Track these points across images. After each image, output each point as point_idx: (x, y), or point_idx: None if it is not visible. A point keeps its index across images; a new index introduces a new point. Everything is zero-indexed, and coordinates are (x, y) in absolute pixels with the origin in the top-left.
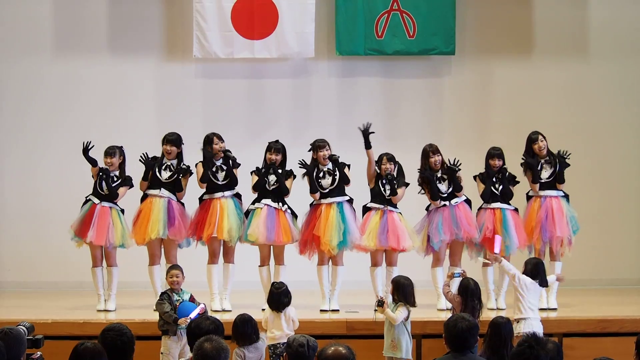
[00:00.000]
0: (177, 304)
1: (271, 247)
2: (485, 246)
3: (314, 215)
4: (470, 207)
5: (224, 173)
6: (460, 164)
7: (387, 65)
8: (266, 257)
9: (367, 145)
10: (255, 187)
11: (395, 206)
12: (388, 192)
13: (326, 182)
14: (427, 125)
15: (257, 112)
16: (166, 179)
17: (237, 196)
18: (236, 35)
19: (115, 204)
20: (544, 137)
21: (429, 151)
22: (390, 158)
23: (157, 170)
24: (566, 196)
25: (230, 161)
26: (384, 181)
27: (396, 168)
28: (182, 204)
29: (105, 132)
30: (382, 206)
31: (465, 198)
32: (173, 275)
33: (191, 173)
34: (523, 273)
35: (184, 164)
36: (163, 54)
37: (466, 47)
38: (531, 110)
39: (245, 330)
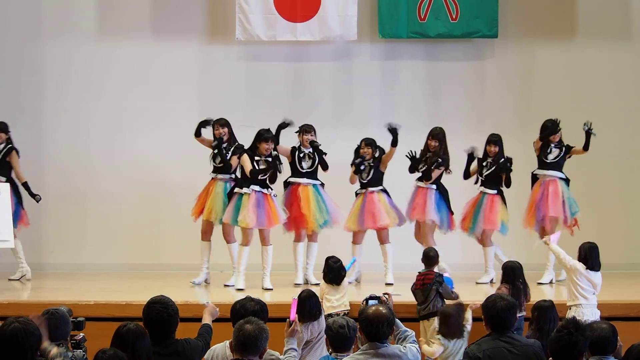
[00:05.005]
0: None
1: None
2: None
3: (294, 195)
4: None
5: (219, 158)
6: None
7: (429, 48)
8: (249, 238)
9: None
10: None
11: (377, 185)
12: (365, 176)
13: (306, 163)
14: (470, 108)
15: (299, 94)
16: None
17: (233, 180)
18: (279, 18)
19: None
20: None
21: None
22: (369, 143)
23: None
24: (567, 180)
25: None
26: (361, 167)
27: (377, 151)
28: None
29: (146, 114)
30: (364, 190)
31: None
32: None
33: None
34: (577, 259)
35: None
36: (205, 36)
37: (509, 30)
38: (574, 93)
39: (310, 306)
